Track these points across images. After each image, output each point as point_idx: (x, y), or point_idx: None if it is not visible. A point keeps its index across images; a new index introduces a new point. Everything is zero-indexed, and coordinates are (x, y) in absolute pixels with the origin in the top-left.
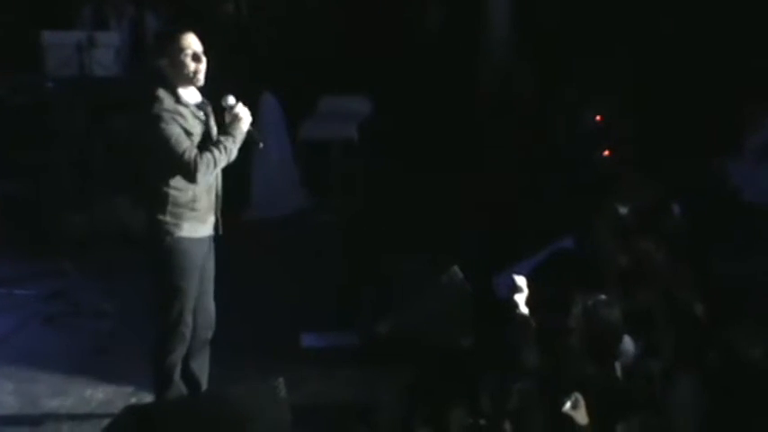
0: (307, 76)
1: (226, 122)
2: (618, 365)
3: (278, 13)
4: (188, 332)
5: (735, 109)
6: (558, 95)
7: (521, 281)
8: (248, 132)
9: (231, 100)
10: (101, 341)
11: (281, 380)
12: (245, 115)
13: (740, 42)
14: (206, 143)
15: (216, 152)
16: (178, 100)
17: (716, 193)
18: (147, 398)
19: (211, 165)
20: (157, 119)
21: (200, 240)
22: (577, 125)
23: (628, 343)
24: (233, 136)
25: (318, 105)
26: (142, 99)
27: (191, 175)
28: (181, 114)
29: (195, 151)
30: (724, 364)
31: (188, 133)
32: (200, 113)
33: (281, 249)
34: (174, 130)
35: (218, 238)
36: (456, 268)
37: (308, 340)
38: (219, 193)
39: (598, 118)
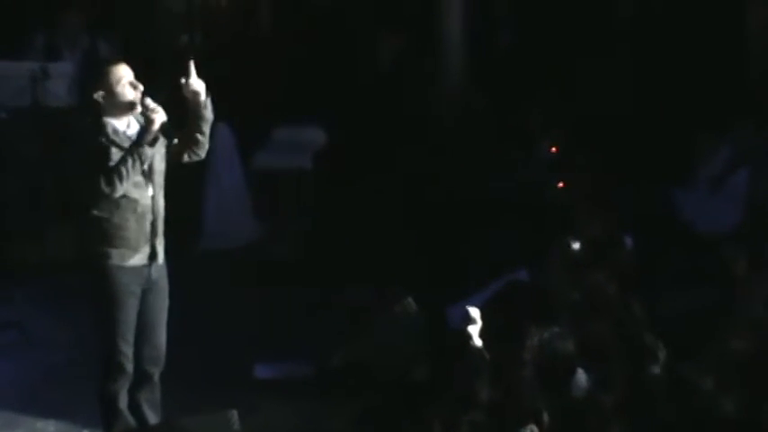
0: (260, 106)
1: (141, 125)
2: (571, 398)
3: (231, 43)
4: (127, 363)
5: (687, 139)
6: (516, 123)
7: (474, 312)
8: (163, 129)
9: (148, 101)
10: (52, 372)
11: (234, 411)
12: (158, 114)
13: (693, 73)
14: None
15: (127, 157)
16: (114, 130)
17: (668, 224)
18: (99, 430)
19: (123, 170)
20: (83, 148)
21: (131, 269)
22: (534, 154)
23: (581, 376)
24: (143, 139)
25: (272, 135)
26: (73, 132)
27: (108, 187)
28: (111, 142)
29: (112, 170)
30: (675, 396)
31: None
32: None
33: (233, 279)
34: (98, 156)
35: (170, 269)
36: (409, 299)
37: (261, 371)
38: (157, 220)
39: (553, 149)
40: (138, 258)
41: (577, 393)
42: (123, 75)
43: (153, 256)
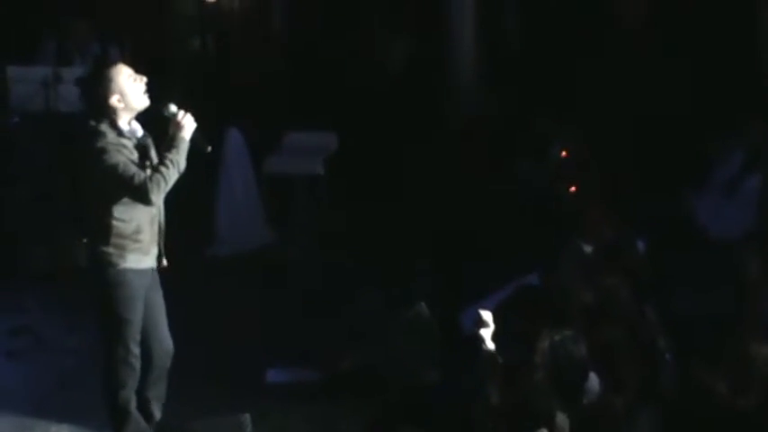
0: (272, 111)
1: (169, 133)
2: (583, 402)
3: (243, 47)
4: (137, 364)
5: (701, 143)
6: (526, 125)
7: (486, 315)
8: (193, 140)
9: (173, 108)
10: (65, 377)
11: (247, 415)
12: (187, 123)
13: (706, 75)
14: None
15: (163, 169)
16: (120, 133)
17: (682, 228)
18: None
19: (162, 182)
20: (101, 151)
21: (143, 272)
22: (545, 157)
23: (593, 380)
24: (177, 147)
25: (283, 140)
26: (85, 134)
27: (146, 198)
28: (124, 146)
29: (144, 174)
30: (688, 400)
31: (132, 162)
32: (141, 146)
33: (245, 284)
34: (120, 159)
35: (182, 274)
36: (421, 303)
37: (272, 375)
38: (162, 224)
39: (563, 152)
40: (149, 261)
41: (590, 397)
42: (130, 74)
43: (159, 257)
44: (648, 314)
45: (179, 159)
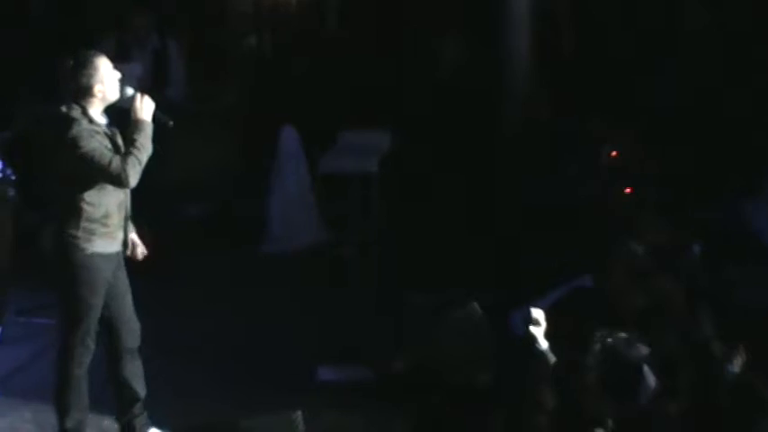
0: (326, 109)
1: (131, 117)
2: (636, 406)
3: (298, 44)
4: (92, 344)
5: (756, 149)
6: (579, 125)
7: (537, 313)
8: (155, 118)
9: (129, 91)
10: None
11: (298, 412)
12: (146, 104)
13: (763, 81)
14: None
15: (135, 151)
16: (91, 120)
17: (736, 234)
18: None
19: (137, 165)
20: (77, 138)
21: (110, 256)
22: (596, 158)
23: (648, 383)
24: (142, 130)
25: (338, 139)
26: (54, 119)
27: (125, 182)
28: (97, 132)
29: (118, 157)
30: (743, 410)
31: (107, 148)
32: (109, 135)
33: (298, 283)
34: (96, 145)
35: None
36: (474, 303)
37: (323, 374)
38: (128, 210)
39: (613, 154)
40: (115, 246)
41: (643, 401)
42: (110, 66)
43: (125, 242)
44: (702, 320)
45: (146, 142)
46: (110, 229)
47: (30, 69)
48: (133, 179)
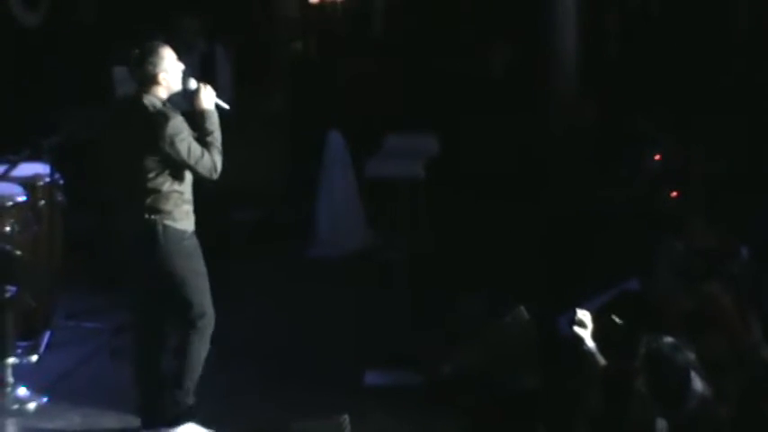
0: (373, 113)
1: (196, 108)
2: (685, 409)
3: (344, 49)
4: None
5: None
6: (627, 125)
7: (584, 315)
8: (216, 107)
9: (192, 83)
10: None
11: (345, 416)
12: (209, 94)
13: None
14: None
15: (213, 140)
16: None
17: None
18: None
19: (219, 155)
20: (176, 132)
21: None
22: (643, 160)
23: (695, 387)
24: (210, 119)
25: (384, 143)
26: (142, 110)
27: (215, 173)
28: (184, 122)
29: (206, 150)
30: None
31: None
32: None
33: (345, 286)
34: (190, 138)
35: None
36: (522, 308)
37: (370, 378)
38: None
39: (657, 156)
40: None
41: (691, 405)
42: (173, 55)
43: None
44: (751, 323)
45: (216, 130)
46: (191, 209)
47: (72, 75)
48: (220, 167)
